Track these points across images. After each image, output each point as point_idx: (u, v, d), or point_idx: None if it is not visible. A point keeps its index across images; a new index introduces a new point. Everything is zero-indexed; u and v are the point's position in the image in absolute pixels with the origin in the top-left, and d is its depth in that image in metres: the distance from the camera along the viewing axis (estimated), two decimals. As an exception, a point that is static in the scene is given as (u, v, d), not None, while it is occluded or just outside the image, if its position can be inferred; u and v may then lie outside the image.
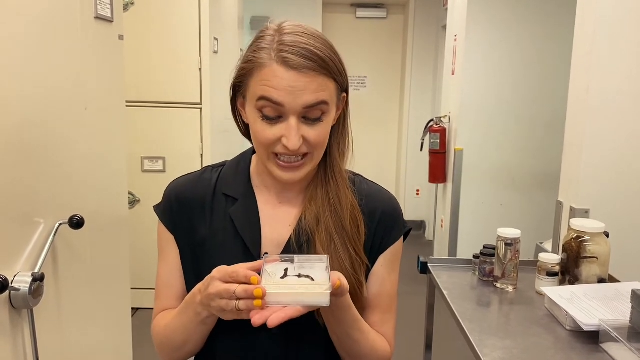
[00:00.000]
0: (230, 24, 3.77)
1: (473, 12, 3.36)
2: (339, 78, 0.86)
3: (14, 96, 1.19)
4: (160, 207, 0.98)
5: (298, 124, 0.83)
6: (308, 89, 0.81)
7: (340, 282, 0.77)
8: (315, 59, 0.81)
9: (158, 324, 0.95)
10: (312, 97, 0.81)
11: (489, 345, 1.20)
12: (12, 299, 1.17)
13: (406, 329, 2.91)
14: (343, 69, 0.87)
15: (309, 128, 0.84)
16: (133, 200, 3.22)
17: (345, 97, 0.92)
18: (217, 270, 0.77)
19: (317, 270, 0.78)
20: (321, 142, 0.87)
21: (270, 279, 0.75)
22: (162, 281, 0.98)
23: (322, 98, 0.83)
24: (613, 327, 1.14)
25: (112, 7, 1.63)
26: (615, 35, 1.71)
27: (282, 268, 0.78)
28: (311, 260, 0.81)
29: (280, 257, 0.81)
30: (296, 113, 0.82)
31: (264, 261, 0.79)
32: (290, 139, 0.82)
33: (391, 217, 0.97)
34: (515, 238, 1.48)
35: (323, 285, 0.74)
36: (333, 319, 0.86)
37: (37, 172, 1.29)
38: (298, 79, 0.80)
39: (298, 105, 0.81)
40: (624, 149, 1.76)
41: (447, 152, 3.66)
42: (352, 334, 0.88)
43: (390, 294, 0.98)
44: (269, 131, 0.84)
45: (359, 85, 5.44)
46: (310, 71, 0.81)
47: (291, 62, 0.80)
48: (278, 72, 0.80)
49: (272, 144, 0.85)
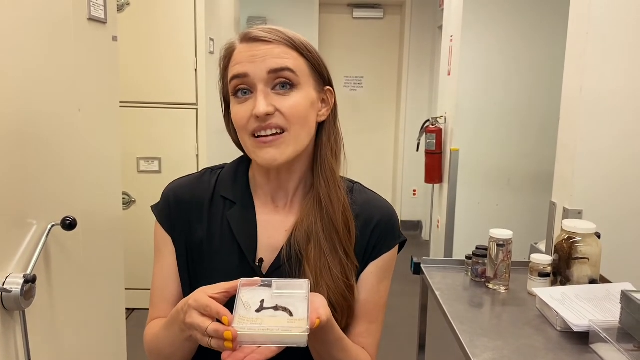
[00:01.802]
0: (226, 25, 3.77)
1: (469, 13, 3.36)
2: (309, 57, 0.87)
3: (6, 97, 1.19)
4: (158, 208, 0.97)
5: (265, 89, 0.83)
6: (269, 54, 0.83)
7: (320, 320, 0.74)
8: (277, 32, 0.85)
9: (149, 333, 0.94)
10: (274, 61, 0.83)
11: (479, 346, 1.20)
12: (3, 300, 1.17)
13: (399, 330, 2.92)
14: (319, 57, 0.89)
15: (280, 98, 0.84)
16: (129, 200, 3.22)
17: (332, 91, 0.92)
18: (194, 298, 0.74)
19: (296, 300, 0.75)
20: (296, 114, 0.85)
21: (245, 312, 0.72)
22: (157, 283, 0.96)
23: (286, 64, 0.84)
24: (603, 328, 1.14)
25: (105, 8, 1.63)
26: (608, 36, 1.72)
27: (258, 297, 0.75)
28: (291, 286, 0.77)
29: (258, 280, 0.77)
30: (262, 80, 0.83)
31: (240, 284, 0.76)
32: (258, 103, 0.82)
33: (387, 226, 0.96)
34: (507, 239, 1.48)
35: (300, 326, 0.70)
36: (315, 339, 0.84)
37: (30, 173, 1.29)
38: (258, 47, 0.84)
39: (261, 71, 0.83)
40: (617, 150, 1.77)
41: (443, 152, 3.66)
42: (335, 354, 0.86)
43: (379, 303, 0.96)
44: (241, 109, 0.85)
45: (355, 85, 5.44)
46: (273, 39, 0.84)
47: (251, 34, 0.85)
48: (242, 48, 0.85)
49: (247, 122, 0.84)
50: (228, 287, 0.75)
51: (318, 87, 0.90)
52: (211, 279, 0.80)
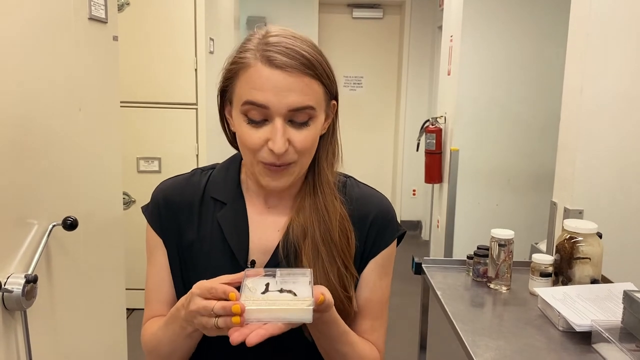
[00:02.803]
0: (226, 25, 3.76)
1: (469, 12, 3.37)
2: (327, 81, 0.84)
3: (7, 97, 1.19)
4: (148, 209, 0.96)
5: (284, 125, 0.80)
6: (294, 90, 0.79)
7: (324, 296, 0.74)
8: (301, 58, 0.79)
9: (146, 332, 0.93)
10: (298, 98, 0.79)
11: (481, 346, 1.20)
12: (5, 300, 1.17)
13: (401, 330, 2.92)
14: (331, 74, 0.86)
15: (296, 132, 0.82)
16: (128, 201, 3.22)
17: (335, 105, 0.90)
18: (196, 286, 0.74)
19: (300, 285, 0.75)
20: (308, 148, 0.84)
21: (251, 294, 0.73)
22: (151, 285, 0.95)
23: (309, 103, 0.81)
24: (605, 328, 1.14)
25: (106, 8, 1.63)
26: (608, 36, 1.72)
27: (263, 283, 0.75)
28: (294, 274, 0.78)
29: (262, 270, 0.78)
30: (281, 115, 0.80)
31: (245, 274, 0.76)
32: (276, 142, 0.80)
33: (383, 221, 0.94)
34: (508, 239, 1.48)
35: (305, 300, 0.71)
36: (319, 334, 0.84)
37: (31, 174, 1.29)
38: (283, 78, 0.78)
39: (283, 107, 0.79)
40: (618, 150, 1.77)
41: (442, 152, 3.66)
42: (340, 348, 0.85)
43: (381, 300, 0.95)
44: (254, 135, 0.81)
45: (355, 85, 5.44)
46: (295, 70, 0.79)
47: (276, 61, 0.79)
48: (263, 71, 0.79)
49: (258, 148, 0.82)
50: (232, 279, 0.75)
51: (327, 107, 0.88)
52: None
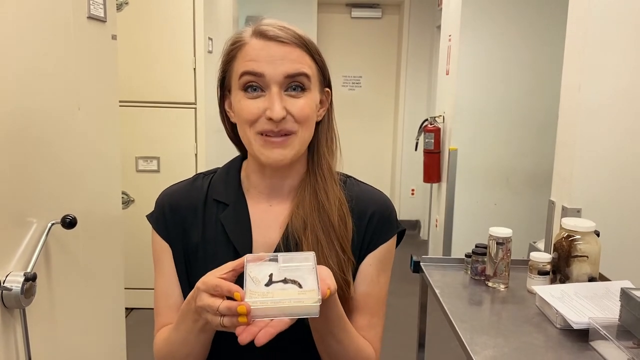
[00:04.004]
0: (225, 24, 3.77)
1: (467, 12, 3.37)
2: (319, 60, 0.89)
3: (5, 96, 1.19)
4: (153, 216, 0.97)
5: (280, 93, 0.84)
6: (287, 58, 0.84)
7: (330, 290, 0.74)
8: (292, 33, 0.86)
9: (158, 340, 0.92)
10: (292, 65, 0.84)
11: (480, 344, 1.20)
12: (4, 298, 1.18)
13: (399, 328, 2.92)
14: (324, 59, 0.91)
15: (291, 100, 0.85)
16: (127, 200, 3.22)
17: (329, 93, 0.94)
18: (202, 281, 0.74)
19: (304, 272, 0.74)
20: (305, 117, 0.86)
21: (255, 287, 0.72)
22: (160, 292, 0.96)
23: (303, 69, 0.85)
24: (602, 325, 1.15)
25: (105, 7, 1.63)
26: (606, 34, 1.72)
27: (266, 271, 0.74)
28: (297, 259, 0.77)
29: (263, 255, 0.77)
30: (277, 83, 0.84)
31: (246, 260, 0.75)
32: (274, 108, 0.83)
33: (382, 217, 0.95)
34: (506, 237, 1.48)
35: (312, 297, 0.70)
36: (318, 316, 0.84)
37: (30, 172, 1.29)
38: (277, 48, 0.84)
39: (278, 74, 0.83)
40: (616, 148, 1.78)
41: (441, 151, 3.67)
42: (337, 332, 0.85)
43: (379, 296, 0.96)
44: (252, 105, 0.85)
45: (354, 85, 5.45)
46: (287, 42, 0.84)
47: (269, 33, 0.84)
48: (257, 44, 0.85)
49: (255, 119, 0.85)
50: (235, 265, 0.75)
51: (321, 89, 0.92)
52: None
